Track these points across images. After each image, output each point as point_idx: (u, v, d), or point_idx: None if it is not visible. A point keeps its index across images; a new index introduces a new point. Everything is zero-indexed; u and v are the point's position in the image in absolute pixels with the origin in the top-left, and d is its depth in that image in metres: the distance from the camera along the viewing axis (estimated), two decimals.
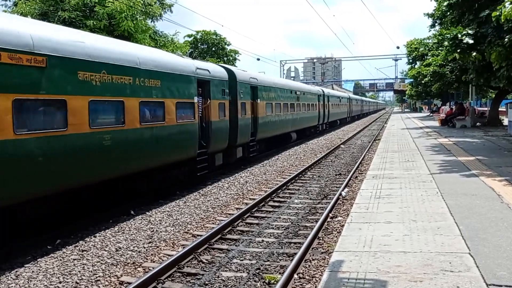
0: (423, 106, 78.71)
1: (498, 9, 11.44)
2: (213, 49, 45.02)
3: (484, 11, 14.38)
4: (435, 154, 14.09)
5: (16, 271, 6.17)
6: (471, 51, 15.21)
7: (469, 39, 14.89)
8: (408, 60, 52.49)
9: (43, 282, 5.82)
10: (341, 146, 23.09)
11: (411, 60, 50.49)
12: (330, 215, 8.95)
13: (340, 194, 10.61)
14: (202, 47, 45.10)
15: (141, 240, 7.57)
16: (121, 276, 6.11)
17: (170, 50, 22.58)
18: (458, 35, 15.15)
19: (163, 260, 6.60)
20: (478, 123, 28.03)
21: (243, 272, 6.15)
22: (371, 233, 5.93)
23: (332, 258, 5.14)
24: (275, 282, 5.63)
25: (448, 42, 15.40)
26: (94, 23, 19.37)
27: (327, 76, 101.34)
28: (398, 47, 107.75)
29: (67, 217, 8.31)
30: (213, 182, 12.88)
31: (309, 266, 6.28)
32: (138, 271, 6.31)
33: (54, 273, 6.10)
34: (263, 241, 7.54)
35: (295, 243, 7.34)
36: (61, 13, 19.16)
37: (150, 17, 23.19)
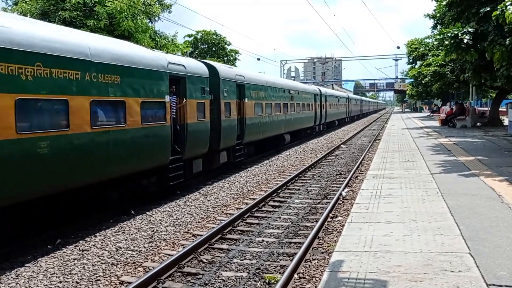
0: (423, 106, 78.74)
1: (498, 8, 11.41)
2: (213, 49, 45.02)
3: (485, 8, 14.32)
4: (436, 154, 14.09)
5: (17, 271, 6.18)
6: (470, 49, 15.15)
7: (469, 38, 14.85)
8: (408, 60, 52.52)
9: (43, 282, 5.83)
10: (341, 146, 23.09)
11: (411, 60, 50.53)
12: (330, 215, 8.95)
13: (341, 194, 10.61)
14: (202, 47, 45.12)
15: (141, 240, 7.58)
16: (121, 275, 6.11)
17: (170, 51, 22.59)
18: (459, 34, 15.12)
19: (163, 260, 6.60)
20: (479, 123, 28.03)
21: (243, 272, 6.16)
22: (371, 233, 5.93)
23: (332, 258, 5.15)
24: (275, 282, 5.64)
25: (449, 42, 15.35)
26: (95, 23, 19.37)
27: (327, 76, 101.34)
28: (398, 47, 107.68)
29: None
30: (213, 182, 12.89)
31: (309, 266, 6.28)
32: (139, 270, 6.32)
33: (54, 273, 6.11)
34: (263, 241, 7.54)
35: (295, 243, 7.34)
36: (62, 12, 19.16)
37: (150, 17, 23.16)
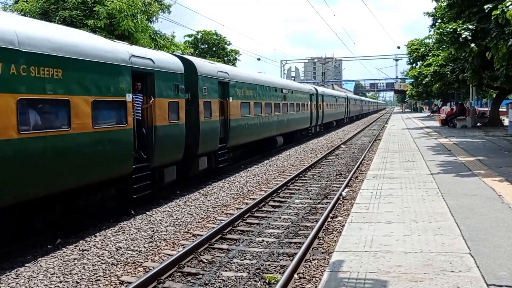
0: (423, 106, 78.74)
1: (499, 7, 11.40)
2: (213, 49, 45.06)
3: (489, 5, 14.24)
4: (436, 154, 14.08)
5: (17, 271, 6.19)
6: (469, 44, 15.09)
7: (468, 34, 14.82)
8: (409, 60, 52.59)
9: (43, 282, 5.83)
10: (342, 146, 23.09)
11: (411, 61, 50.58)
12: (331, 215, 8.95)
13: (341, 194, 10.61)
14: (202, 47, 45.15)
15: (141, 240, 7.58)
16: (121, 275, 6.11)
17: (170, 52, 22.57)
18: (457, 29, 15.10)
19: (163, 260, 6.60)
20: (479, 123, 28.01)
21: (244, 272, 6.15)
22: (371, 233, 5.93)
23: (332, 258, 5.15)
24: (275, 282, 5.63)
25: (447, 36, 15.32)
26: (95, 22, 19.36)
27: (327, 76, 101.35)
28: (398, 47, 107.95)
29: None
30: (214, 182, 12.89)
31: (309, 266, 6.28)
32: (139, 270, 6.32)
33: (54, 273, 6.11)
34: (263, 241, 7.54)
35: (295, 243, 7.34)
36: (62, 12, 19.15)
37: (149, 17, 23.13)
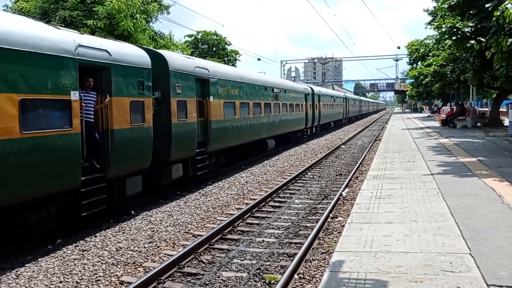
0: (423, 106, 78.73)
1: (499, 9, 11.40)
2: (213, 49, 45.09)
3: (491, 3, 14.20)
4: (436, 155, 14.08)
5: (17, 271, 6.19)
6: (469, 40, 15.03)
7: (468, 31, 14.78)
8: (409, 60, 52.65)
9: (43, 282, 5.83)
10: (342, 146, 23.09)
11: (412, 61, 50.63)
12: (331, 215, 8.95)
13: (341, 195, 10.61)
14: (202, 47, 45.18)
15: (141, 240, 7.58)
16: (121, 276, 6.11)
17: (171, 51, 22.56)
18: (457, 25, 15.08)
19: (163, 260, 6.60)
20: (479, 124, 28.01)
21: (244, 272, 6.15)
22: (371, 233, 5.93)
23: (332, 258, 5.14)
24: (275, 282, 5.63)
25: (446, 29, 15.26)
26: (94, 22, 19.36)
27: (327, 76, 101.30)
28: (399, 47, 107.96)
29: None
30: (214, 182, 12.88)
31: (309, 266, 6.28)
32: (139, 271, 6.32)
33: (54, 273, 6.11)
34: (263, 241, 7.54)
35: (295, 243, 7.34)
36: (62, 11, 19.15)
37: (148, 16, 23.10)
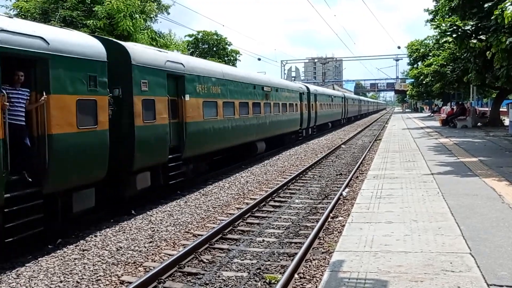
0: (424, 106, 78.71)
1: (499, 8, 11.39)
2: (214, 49, 45.08)
3: (489, 3, 14.18)
4: (436, 154, 14.08)
5: (17, 270, 6.19)
6: (469, 38, 15.02)
7: (469, 29, 14.77)
8: (409, 61, 52.64)
9: (44, 282, 5.83)
10: (342, 146, 23.08)
11: (412, 61, 50.63)
12: (331, 215, 8.95)
13: (341, 194, 10.61)
14: (203, 47, 45.17)
15: (142, 240, 7.58)
16: (122, 275, 6.11)
17: (171, 50, 22.56)
18: (456, 23, 15.08)
19: (163, 260, 6.61)
20: (479, 123, 28.01)
21: (244, 271, 6.16)
22: (372, 233, 5.93)
23: (332, 258, 5.15)
24: (275, 282, 5.64)
25: (446, 27, 15.24)
26: (94, 22, 19.35)
27: (328, 76, 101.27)
28: (399, 47, 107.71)
29: None
30: (214, 182, 12.88)
31: (309, 266, 6.28)
32: (139, 270, 6.32)
33: (55, 273, 6.11)
34: (263, 241, 7.54)
35: (295, 243, 7.34)
36: (62, 11, 19.15)
37: (146, 16, 23.06)
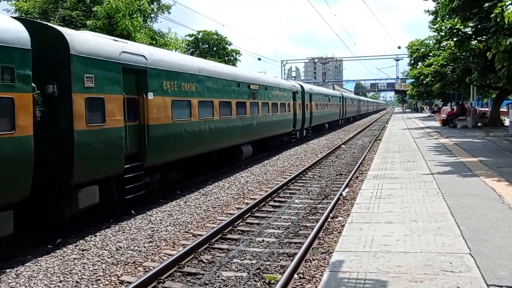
0: (424, 106, 78.70)
1: (498, 6, 11.37)
2: (214, 49, 45.04)
3: (487, 4, 14.16)
4: (436, 155, 14.07)
5: (17, 270, 6.19)
6: (470, 40, 15.01)
7: (469, 31, 14.78)
8: (410, 61, 52.63)
9: (43, 281, 5.83)
10: (342, 146, 23.08)
11: (412, 61, 50.60)
12: (331, 215, 8.94)
13: (341, 194, 10.60)
14: (203, 47, 45.15)
15: (141, 240, 7.58)
16: (121, 275, 6.11)
17: (171, 49, 22.57)
18: (456, 25, 15.09)
19: (163, 260, 6.60)
20: (479, 124, 28.00)
21: (244, 272, 6.15)
22: (371, 233, 5.92)
23: (332, 258, 5.14)
24: (275, 282, 5.63)
25: (445, 31, 15.27)
26: (94, 22, 19.33)
27: (328, 76, 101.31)
28: (399, 47, 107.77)
29: None
30: (214, 182, 12.88)
31: (309, 266, 6.28)
32: (139, 270, 6.32)
33: (54, 272, 6.11)
34: (263, 241, 7.53)
35: (295, 243, 7.34)
36: (62, 11, 19.13)
37: (145, 15, 23.00)
